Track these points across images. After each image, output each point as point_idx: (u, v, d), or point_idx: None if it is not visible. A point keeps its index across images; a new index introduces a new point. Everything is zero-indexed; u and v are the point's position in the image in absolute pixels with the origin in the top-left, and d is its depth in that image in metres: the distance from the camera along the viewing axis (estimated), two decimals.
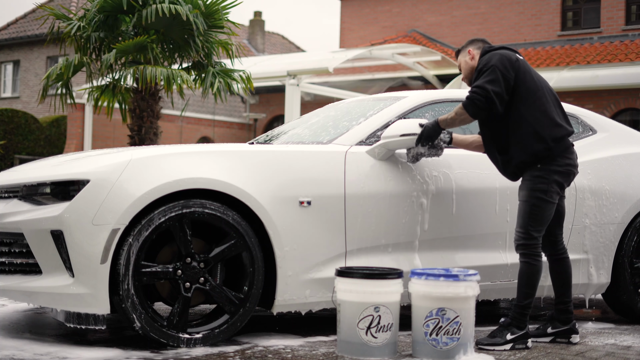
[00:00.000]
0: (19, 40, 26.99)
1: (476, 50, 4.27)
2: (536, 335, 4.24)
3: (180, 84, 8.64)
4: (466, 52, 4.28)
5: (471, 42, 4.33)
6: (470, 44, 4.32)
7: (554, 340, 4.22)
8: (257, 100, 21.34)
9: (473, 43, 4.31)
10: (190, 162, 3.85)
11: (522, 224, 4.04)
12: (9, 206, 3.87)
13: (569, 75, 15.66)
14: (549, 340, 4.22)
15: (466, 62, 4.27)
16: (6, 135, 18.60)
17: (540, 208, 4.02)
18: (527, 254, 4.03)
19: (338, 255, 4.11)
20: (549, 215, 4.06)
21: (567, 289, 4.22)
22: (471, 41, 4.33)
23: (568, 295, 4.22)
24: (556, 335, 4.22)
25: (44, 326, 4.38)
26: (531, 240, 4.02)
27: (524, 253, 4.04)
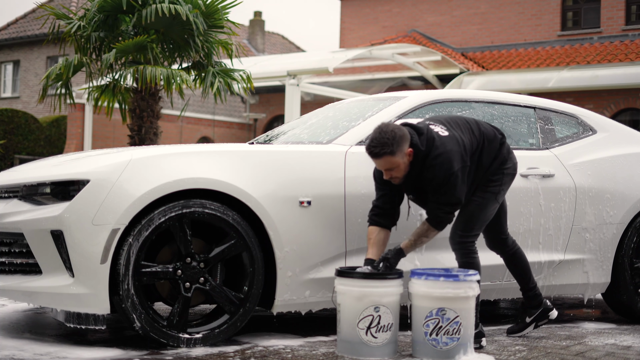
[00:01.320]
0: (19, 40, 26.99)
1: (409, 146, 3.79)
2: (519, 329, 4.34)
3: (180, 83, 8.64)
4: (404, 151, 3.74)
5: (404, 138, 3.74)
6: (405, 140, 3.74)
7: (536, 326, 4.34)
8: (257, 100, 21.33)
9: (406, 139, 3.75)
10: (190, 162, 3.85)
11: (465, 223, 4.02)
12: (9, 206, 3.87)
13: (569, 75, 15.65)
14: (533, 328, 4.33)
15: (405, 163, 3.78)
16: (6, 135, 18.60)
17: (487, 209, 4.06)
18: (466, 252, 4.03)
19: (338, 255, 4.11)
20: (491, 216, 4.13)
21: (528, 276, 4.33)
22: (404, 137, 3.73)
23: (531, 280, 4.34)
24: (536, 321, 4.33)
25: (44, 326, 4.38)
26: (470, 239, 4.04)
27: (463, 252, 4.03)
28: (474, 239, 4.05)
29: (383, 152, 3.70)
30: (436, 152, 3.79)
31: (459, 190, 3.81)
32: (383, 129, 3.74)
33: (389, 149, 3.69)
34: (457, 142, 3.86)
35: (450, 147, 3.81)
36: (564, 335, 4.47)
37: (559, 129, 5.09)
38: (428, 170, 3.79)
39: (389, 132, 3.71)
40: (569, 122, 5.16)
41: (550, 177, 4.76)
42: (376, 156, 3.74)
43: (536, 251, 4.70)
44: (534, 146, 4.90)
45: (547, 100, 5.27)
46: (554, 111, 5.14)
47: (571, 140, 5.05)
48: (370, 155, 3.77)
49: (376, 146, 3.71)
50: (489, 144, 4.05)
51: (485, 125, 4.13)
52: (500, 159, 4.09)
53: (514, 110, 4.99)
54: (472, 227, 4.03)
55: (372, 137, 3.75)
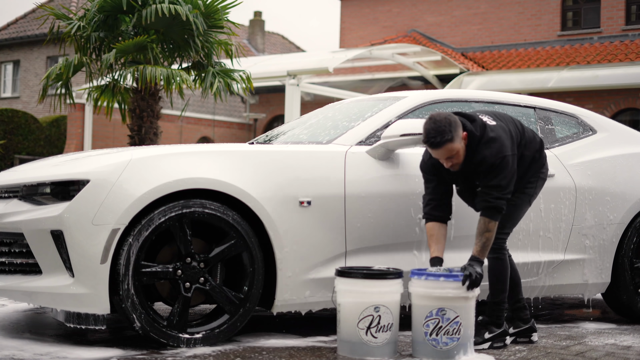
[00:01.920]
0: (19, 40, 26.99)
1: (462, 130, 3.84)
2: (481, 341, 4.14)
3: (180, 83, 8.64)
4: (461, 136, 3.79)
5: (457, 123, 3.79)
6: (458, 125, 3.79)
7: (515, 340, 4.19)
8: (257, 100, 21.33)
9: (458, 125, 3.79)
10: (190, 162, 3.85)
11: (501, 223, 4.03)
12: (9, 206, 3.87)
13: (569, 75, 15.65)
14: (511, 340, 4.16)
15: (463, 147, 3.82)
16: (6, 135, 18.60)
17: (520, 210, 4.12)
18: (495, 248, 4.03)
19: (338, 255, 4.11)
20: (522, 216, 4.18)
21: (517, 288, 4.23)
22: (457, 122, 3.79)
23: (520, 292, 4.25)
24: (517, 335, 4.21)
25: (44, 326, 4.38)
26: (502, 235, 4.04)
27: (493, 248, 4.01)
28: (505, 237, 4.06)
29: (444, 140, 3.70)
30: (487, 137, 3.82)
31: (508, 174, 3.82)
32: (436, 118, 3.73)
33: (449, 135, 3.70)
34: (505, 131, 3.91)
35: (500, 134, 3.85)
36: (564, 335, 4.47)
37: (559, 129, 5.09)
38: (479, 153, 3.81)
39: (443, 119, 3.72)
40: (569, 122, 5.16)
41: (550, 178, 4.75)
42: (437, 146, 3.72)
43: (536, 251, 4.70)
44: None
45: (547, 100, 5.27)
46: (554, 111, 5.15)
47: (571, 140, 5.05)
48: (431, 147, 3.76)
49: (435, 136, 3.70)
50: (529, 143, 4.09)
51: (525, 125, 4.19)
52: (539, 161, 4.14)
53: (514, 110, 4.99)
54: (504, 224, 4.04)
55: (428, 128, 3.73)
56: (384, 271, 3.75)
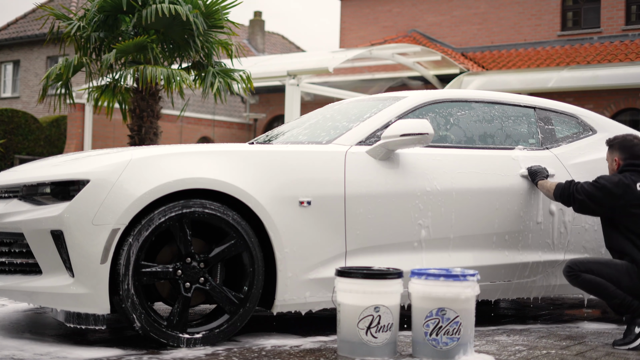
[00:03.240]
0: (19, 40, 26.99)
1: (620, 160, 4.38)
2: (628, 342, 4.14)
3: (180, 83, 8.64)
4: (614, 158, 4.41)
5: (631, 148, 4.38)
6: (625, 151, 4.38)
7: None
8: (257, 100, 21.33)
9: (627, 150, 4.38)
10: (190, 162, 3.85)
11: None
12: (9, 206, 3.87)
13: (569, 75, 15.65)
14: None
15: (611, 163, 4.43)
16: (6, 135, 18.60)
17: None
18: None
19: (338, 255, 4.11)
20: None
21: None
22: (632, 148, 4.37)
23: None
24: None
25: (44, 326, 4.38)
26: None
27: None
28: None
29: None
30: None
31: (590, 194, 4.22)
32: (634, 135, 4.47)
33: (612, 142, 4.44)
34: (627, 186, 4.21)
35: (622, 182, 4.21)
36: (564, 335, 4.47)
37: (559, 129, 5.09)
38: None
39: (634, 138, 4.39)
40: (569, 122, 5.16)
41: (549, 178, 4.75)
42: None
43: (536, 251, 4.70)
44: (534, 146, 4.90)
45: (547, 100, 5.27)
46: (554, 111, 5.15)
47: (571, 140, 5.05)
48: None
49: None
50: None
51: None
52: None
53: (514, 110, 4.99)
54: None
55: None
56: (384, 271, 3.75)
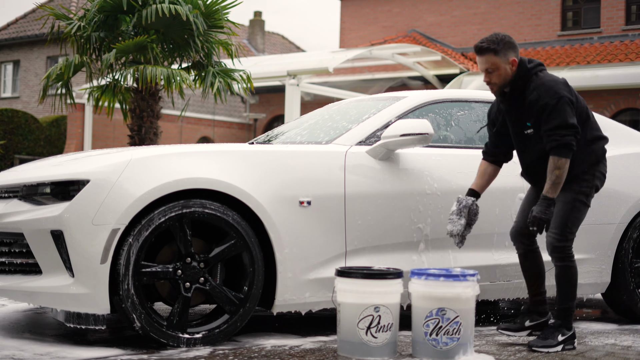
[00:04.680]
0: (19, 40, 27.00)
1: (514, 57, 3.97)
2: (515, 329, 4.27)
3: (180, 83, 8.64)
4: (509, 58, 3.93)
5: (512, 46, 3.96)
6: (512, 48, 3.95)
7: (530, 333, 4.25)
8: (257, 100, 21.34)
9: (514, 49, 3.97)
10: (190, 162, 3.85)
11: (559, 225, 3.98)
12: (9, 206, 3.87)
13: (569, 75, 15.64)
14: (527, 333, 4.25)
15: (506, 70, 3.94)
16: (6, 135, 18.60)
17: (580, 211, 4.02)
18: (563, 256, 3.99)
19: (338, 255, 4.11)
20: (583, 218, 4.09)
21: (541, 280, 4.28)
22: (512, 45, 3.96)
23: (542, 286, 4.29)
24: (533, 328, 4.25)
25: (44, 326, 4.38)
26: (567, 242, 3.99)
27: (561, 256, 3.99)
28: (571, 242, 4.00)
29: (488, 48, 3.90)
30: (541, 79, 3.91)
31: (569, 114, 3.83)
32: (496, 33, 3.98)
33: (494, 46, 3.90)
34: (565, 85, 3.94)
35: (557, 80, 3.93)
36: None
37: None
38: (533, 93, 3.87)
39: (499, 34, 3.96)
40: None
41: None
42: (480, 51, 3.93)
43: None
44: None
45: None
46: None
47: None
48: (475, 51, 3.95)
49: (483, 42, 3.94)
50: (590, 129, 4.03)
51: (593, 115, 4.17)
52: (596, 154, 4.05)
53: None
54: (567, 229, 3.98)
55: (484, 37, 3.96)
56: (384, 271, 3.75)
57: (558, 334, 3.97)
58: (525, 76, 3.96)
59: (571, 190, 4.00)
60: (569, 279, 4.00)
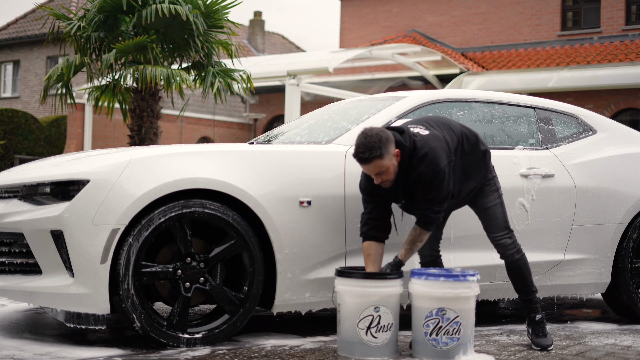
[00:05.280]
0: (19, 40, 26.99)
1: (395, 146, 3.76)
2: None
3: (180, 83, 8.64)
4: (391, 153, 3.71)
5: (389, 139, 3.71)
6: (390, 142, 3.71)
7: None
8: (257, 100, 21.33)
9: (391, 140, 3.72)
10: (190, 162, 3.85)
11: (503, 226, 4.08)
12: (9, 206, 3.87)
13: (569, 75, 15.65)
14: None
15: (394, 164, 3.74)
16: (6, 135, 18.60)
17: (505, 206, 4.15)
18: (517, 249, 4.10)
19: (338, 255, 4.11)
20: None
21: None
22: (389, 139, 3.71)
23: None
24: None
25: (44, 326, 4.38)
26: (514, 235, 4.11)
27: (516, 249, 4.09)
28: (514, 237, 4.11)
29: (372, 156, 3.66)
30: (421, 151, 3.77)
31: (446, 186, 3.80)
32: (367, 134, 3.70)
33: (377, 152, 3.66)
34: (439, 139, 3.85)
35: (434, 145, 3.80)
36: (564, 335, 4.47)
37: (559, 129, 5.09)
38: (415, 169, 3.77)
39: (374, 135, 3.68)
40: (569, 122, 5.16)
41: (550, 177, 4.76)
42: (365, 161, 3.70)
43: (536, 251, 4.69)
44: (534, 146, 4.90)
45: (547, 100, 5.27)
46: (554, 111, 5.14)
47: (571, 140, 5.05)
48: (359, 161, 3.73)
49: (364, 151, 3.67)
50: (468, 140, 4.03)
51: (460, 125, 4.10)
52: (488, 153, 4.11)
53: (514, 110, 4.99)
54: (508, 225, 4.10)
55: (358, 142, 3.70)
56: (384, 271, 3.74)
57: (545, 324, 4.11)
58: (407, 158, 3.78)
59: (490, 193, 4.09)
60: (526, 268, 4.11)
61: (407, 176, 3.81)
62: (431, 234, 4.13)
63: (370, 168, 3.73)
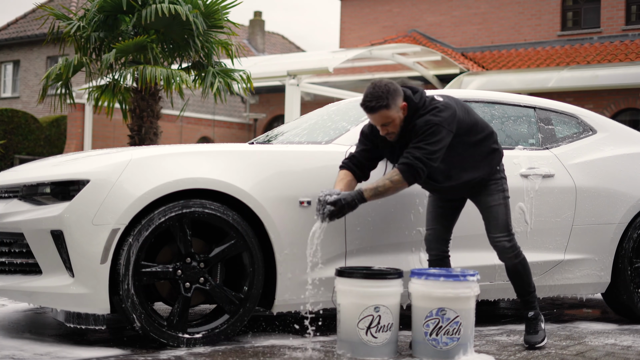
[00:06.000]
0: (19, 40, 26.99)
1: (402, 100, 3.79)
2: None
3: (180, 83, 8.64)
4: (399, 105, 3.74)
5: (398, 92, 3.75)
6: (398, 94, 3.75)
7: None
8: (257, 100, 21.33)
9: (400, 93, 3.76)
10: (190, 162, 3.85)
11: (503, 227, 4.02)
12: (9, 206, 3.87)
13: (569, 75, 15.65)
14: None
15: (400, 117, 3.77)
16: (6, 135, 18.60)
17: (509, 207, 4.09)
18: (516, 253, 4.05)
19: (338, 255, 4.11)
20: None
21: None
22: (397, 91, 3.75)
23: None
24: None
25: (44, 326, 4.38)
26: (514, 239, 4.06)
27: (515, 254, 4.04)
28: (514, 237, 4.06)
29: (378, 105, 3.68)
30: (427, 109, 3.78)
31: (437, 142, 3.72)
32: (377, 84, 3.73)
33: (384, 102, 3.69)
34: (449, 108, 3.82)
35: (441, 108, 3.79)
36: (564, 335, 4.47)
37: (559, 129, 5.09)
38: (415, 123, 3.77)
39: (382, 86, 3.72)
40: (569, 122, 5.16)
41: (550, 177, 4.76)
42: (371, 110, 3.72)
43: (536, 251, 4.69)
44: (534, 146, 4.90)
45: (547, 100, 5.27)
46: (554, 111, 5.15)
47: (571, 140, 5.05)
48: (365, 110, 3.75)
49: (371, 100, 3.70)
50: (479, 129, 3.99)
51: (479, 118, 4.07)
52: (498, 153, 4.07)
53: (514, 110, 4.99)
54: (510, 227, 4.04)
55: (366, 92, 3.75)
56: (384, 271, 3.75)
57: (540, 323, 4.08)
58: (413, 112, 3.80)
59: (494, 192, 4.04)
60: (525, 271, 4.08)
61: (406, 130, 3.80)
62: (440, 235, 4.15)
63: (376, 118, 3.74)
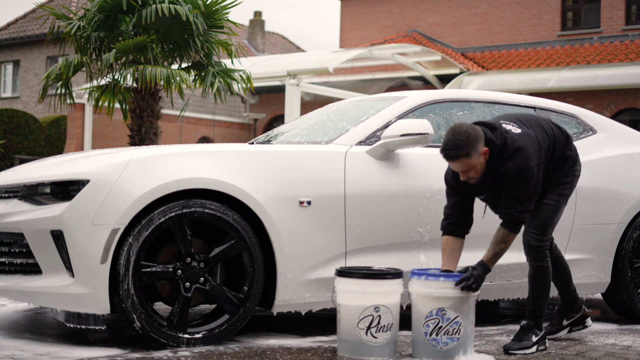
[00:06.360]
0: (19, 40, 26.99)
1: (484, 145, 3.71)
2: (553, 331, 4.32)
3: (180, 83, 8.64)
4: (480, 151, 3.67)
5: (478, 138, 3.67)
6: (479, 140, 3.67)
7: (571, 330, 4.34)
8: (257, 100, 21.33)
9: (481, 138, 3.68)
10: (190, 162, 3.85)
11: (540, 225, 3.94)
12: (9, 206, 3.87)
13: (569, 75, 15.65)
14: (567, 332, 4.34)
15: (481, 162, 3.72)
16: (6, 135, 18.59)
17: (560, 212, 4.00)
18: (540, 256, 3.96)
19: (338, 255, 4.11)
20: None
21: (569, 280, 4.32)
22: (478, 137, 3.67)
23: (571, 284, 4.32)
24: (572, 325, 4.33)
25: (44, 326, 4.38)
26: (545, 242, 3.96)
27: (537, 256, 3.96)
28: (547, 243, 3.97)
29: (459, 154, 3.62)
30: (511, 148, 3.72)
31: (533, 186, 3.73)
32: (457, 130, 3.65)
33: (464, 151, 3.62)
34: (531, 139, 3.79)
35: (525, 143, 3.74)
36: (564, 335, 4.47)
37: None
38: (502, 166, 3.72)
39: (462, 132, 3.63)
40: (569, 122, 5.16)
41: None
42: (452, 159, 3.66)
43: None
44: None
45: (547, 100, 5.27)
46: (553, 111, 5.15)
47: None
48: (446, 159, 3.70)
49: (451, 149, 3.63)
50: (559, 142, 3.97)
51: (552, 123, 4.05)
52: (571, 159, 4.03)
53: (514, 110, 4.98)
54: (547, 230, 3.95)
55: (446, 139, 3.66)
56: (384, 271, 3.75)
57: (532, 335, 3.95)
58: (496, 155, 3.74)
59: (554, 192, 3.98)
60: (543, 280, 3.99)
61: (494, 172, 3.75)
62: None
63: (456, 165, 3.70)
